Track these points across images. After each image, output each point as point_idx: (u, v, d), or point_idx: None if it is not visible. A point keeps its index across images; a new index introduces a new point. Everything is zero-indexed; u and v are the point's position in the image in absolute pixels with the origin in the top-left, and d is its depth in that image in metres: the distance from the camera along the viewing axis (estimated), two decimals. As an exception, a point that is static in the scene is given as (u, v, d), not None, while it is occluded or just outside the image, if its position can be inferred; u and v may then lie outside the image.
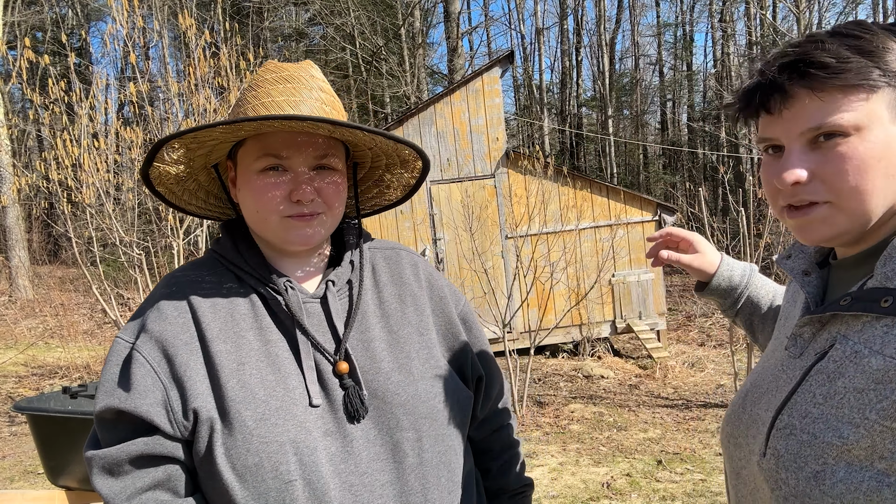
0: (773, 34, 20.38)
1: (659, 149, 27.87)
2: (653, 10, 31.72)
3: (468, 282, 8.84)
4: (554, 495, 4.33)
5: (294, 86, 0.96)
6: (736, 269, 1.25)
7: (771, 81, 0.78)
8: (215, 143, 0.97)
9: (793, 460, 0.76)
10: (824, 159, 0.76)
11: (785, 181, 0.78)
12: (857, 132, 0.74)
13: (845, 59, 0.74)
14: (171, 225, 5.69)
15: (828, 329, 0.81)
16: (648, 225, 9.69)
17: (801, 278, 0.90)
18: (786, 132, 0.79)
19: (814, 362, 0.80)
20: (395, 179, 1.15)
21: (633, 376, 8.02)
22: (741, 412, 0.92)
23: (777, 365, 0.90)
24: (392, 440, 0.93)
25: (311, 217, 0.96)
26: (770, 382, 0.89)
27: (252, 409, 0.87)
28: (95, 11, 24.06)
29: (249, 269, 0.98)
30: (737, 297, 1.25)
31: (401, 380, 0.97)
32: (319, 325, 0.97)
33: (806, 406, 0.77)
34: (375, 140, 0.99)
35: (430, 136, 9.47)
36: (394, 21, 20.92)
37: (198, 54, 5.81)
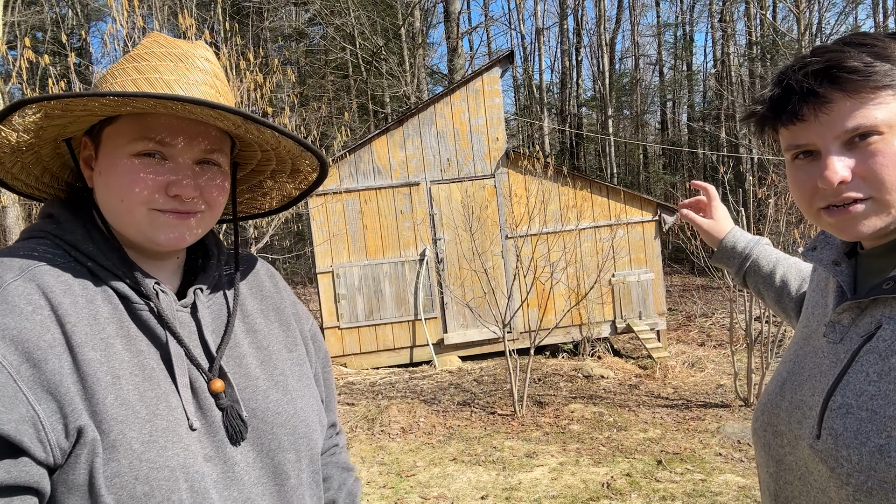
0: (773, 34, 20.38)
1: (659, 149, 27.87)
2: (653, 10, 31.72)
3: (468, 282, 8.84)
4: (554, 495, 4.33)
5: (187, 66, 0.85)
6: (742, 237, 1.41)
7: (805, 89, 0.82)
8: (85, 114, 0.82)
9: (853, 437, 0.78)
10: (862, 157, 0.81)
11: (830, 181, 0.81)
12: (890, 129, 0.80)
13: (870, 64, 0.80)
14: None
15: (869, 313, 0.86)
16: (648, 225, 9.69)
17: (832, 268, 0.95)
18: (821, 136, 0.83)
19: (861, 344, 0.84)
20: (277, 188, 1.04)
21: (633, 376, 8.02)
22: (779, 400, 0.96)
23: (815, 352, 0.93)
24: (273, 462, 0.87)
25: (187, 215, 0.85)
26: (811, 369, 0.92)
27: (137, 430, 0.75)
28: (95, 11, 24.06)
29: (110, 266, 0.83)
30: (741, 261, 1.39)
31: (279, 398, 0.89)
32: (191, 338, 0.86)
33: (860, 385, 0.81)
34: (280, 143, 0.89)
35: (430, 136, 9.47)
36: (394, 21, 20.92)
37: (198, 54, 5.80)
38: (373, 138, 9.47)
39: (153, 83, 0.83)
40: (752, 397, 6.31)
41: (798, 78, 0.83)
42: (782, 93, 0.85)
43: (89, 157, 0.88)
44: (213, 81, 0.88)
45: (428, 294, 9.50)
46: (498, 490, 4.48)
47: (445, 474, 4.85)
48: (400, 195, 9.47)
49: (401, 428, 6.11)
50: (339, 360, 9.36)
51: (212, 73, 0.88)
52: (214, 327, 0.90)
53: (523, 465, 4.96)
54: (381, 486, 4.67)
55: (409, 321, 9.50)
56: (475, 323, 9.13)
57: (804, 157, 0.86)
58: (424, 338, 9.44)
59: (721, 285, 8.34)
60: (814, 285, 1.07)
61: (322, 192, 9.22)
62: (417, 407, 6.76)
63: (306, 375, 0.98)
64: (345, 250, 9.39)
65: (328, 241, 9.28)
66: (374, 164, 9.44)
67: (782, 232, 6.99)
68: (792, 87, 0.83)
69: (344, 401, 7.24)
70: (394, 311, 9.48)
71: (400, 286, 9.48)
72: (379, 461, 5.21)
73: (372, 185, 9.42)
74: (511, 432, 5.80)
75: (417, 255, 9.49)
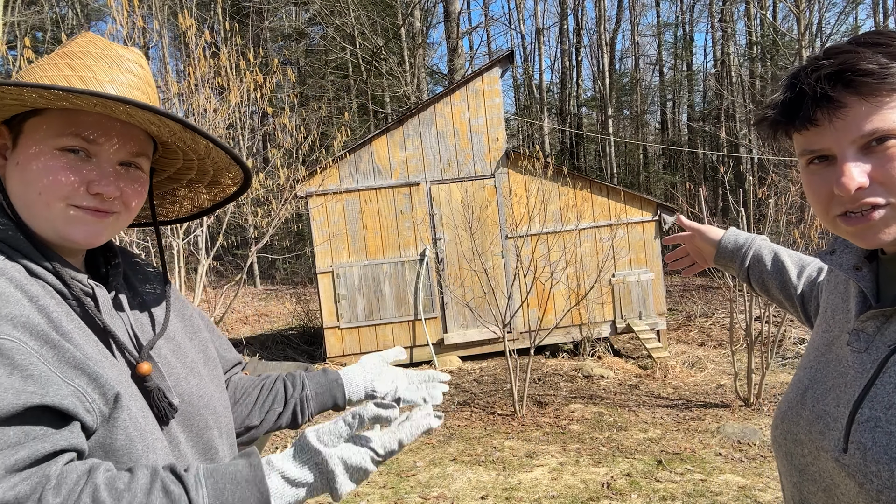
0: (773, 34, 20.37)
1: (659, 149, 27.87)
2: (653, 10, 31.71)
3: (468, 282, 8.84)
4: (554, 495, 4.33)
5: (120, 69, 0.87)
6: (741, 234, 1.42)
7: (818, 93, 0.79)
8: (15, 104, 0.82)
9: (883, 452, 0.76)
10: (880, 162, 0.78)
11: (847, 187, 0.78)
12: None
13: (886, 66, 0.77)
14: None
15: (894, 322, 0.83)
16: (648, 225, 9.69)
17: (853, 273, 0.92)
18: (836, 141, 0.80)
19: (889, 354, 0.81)
20: (190, 197, 1.06)
21: (633, 376, 8.02)
22: (801, 409, 0.93)
23: (838, 361, 0.91)
24: (203, 440, 0.94)
25: (105, 214, 0.86)
26: (835, 378, 0.90)
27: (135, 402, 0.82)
28: (95, 11, 24.06)
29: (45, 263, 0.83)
30: (743, 256, 1.38)
31: (197, 383, 0.96)
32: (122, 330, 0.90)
33: (889, 397, 0.78)
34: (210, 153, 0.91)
35: (430, 136, 9.47)
36: (394, 21, 20.92)
37: (198, 54, 5.80)
38: (373, 138, 9.47)
39: (86, 81, 0.83)
40: (752, 397, 6.31)
41: (811, 81, 0.80)
42: (795, 96, 0.83)
43: (3, 147, 0.87)
44: (145, 87, 0.89)
45: (428, 294, 9.50)
46: (498, 490, 4.48)
47: (445, 474, 4.85)
48: (400, 195, 9.47)
49: (401, 428, 6.11)
50: (339, 360, 9.36)
51: (144, 78, 0.89)
52: (134, 319, 0.93)
53: (523, 465, 4.96)
54: (381, 487, 4.67)
55: (409, 321, 9.50)
56: (475, 323, 9.13)
57: (819, 162, 0.83)
58: (424, 338, 9.44)
59: (721, 285, 8.34)
60: (832, 287, 1.04)
61: (322, 192, 9.23)
62: (417, 407, 6.76)
63: (211, 359, 1.03)
64: (345, 250, 9.39)
65: (328, 241, 9.28)
66: (374, 164, 9.44)
67: (782, 232, 6.99)
68: (805, 91, 0.81)
69: (344, 401, 7.24)
70: (394, 311, 9.48)
71: (400, 286, 9.48)
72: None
73: (372, 185, 9.42)
74: (511, 432, 5.80)
75: (417, 255, 9.49)
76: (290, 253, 17.13)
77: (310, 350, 10.71)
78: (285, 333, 11.87)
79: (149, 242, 6.55)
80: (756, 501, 4.11)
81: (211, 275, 16.60)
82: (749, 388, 6.33)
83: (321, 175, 8.88)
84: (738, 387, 6.55)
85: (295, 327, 12.49)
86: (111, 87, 0.84)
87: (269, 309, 15.64)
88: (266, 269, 20.73)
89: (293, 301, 14.46)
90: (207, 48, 5.96)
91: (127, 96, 0.85)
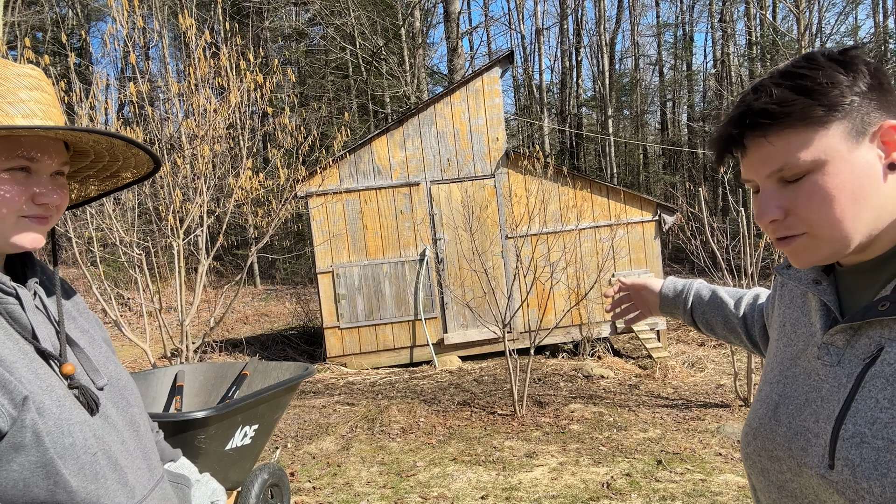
0: (773, 34, 20.37)
1: (659, 149, 27.87)
2: (653, 10, 31.72)
3: (468, 282, 8.85)
4: (554, 495, 4.34)
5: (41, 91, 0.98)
6: (679, 281, 1.49)
7: (728, 135, 0.85)
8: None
9: (873, 468, 0.75)
10: (794, 195, 0.81)
11: (759, 222, 0.84)
12: (817, 167, 0.79)
13: (788, 103, 0.78)
14: (171, 225, 5.69)
15: (865, 334, 0.83)
16: (648, 225, 9.69)
17: (813, 287, 0.93)
18: (756, 175, 0.84)
19: (864, 367, 0.81)
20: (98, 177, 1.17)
21: (633, 376, 8.02)
22: (775, 425, 0.92)
23: (808, 374, 0.90)
24: (128, 415, 1.07)
25: (46, 220, 0.99)
26: (808, 392, 0.89)
27: (48, 398, 0.90)
28: (95, 11, 24.06)
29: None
30: (685, 299, 1.44)
31: (114, 368, 1.10)
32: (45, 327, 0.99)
33: (871, 412, 0.78)
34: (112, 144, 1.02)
35: (430, 136, 9.47)
36: (394, 21, 20.92)
37: (198, 54, 5.81)
38: (373, 138, 9.47)
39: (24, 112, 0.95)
40: (751, 397, 6.31)
41: (725, 123, 0.85)
42: (717, 135, 0.88)
43: None
44: (56, 102, 1.01)
45: (428, 294, 9.50)
46: (498, 490, 4.48)
47: (445, 474, 4.85)
48: (400, 195, 9.47)
49: (401, 428, 6.11)
50: (339, 360, 9.36)
51: (53, 94, 1.01)
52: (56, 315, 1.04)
53: (523, 465, 4.96)
54: (382, 486, 4.67)
55: (409, 321, 9.50)
56: (475, 323, 9.13)
57: (756, 192, 0.88)
58: (424, 338, 9.44)
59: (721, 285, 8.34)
60: (787, 302, 1.04)
61: (322, 192, 9.23)
62: (417, 407, 6.76)
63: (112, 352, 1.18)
64: (345, 250, 9.39)
65: (328, 241, 9.28)
66: (374, 164, 9.44)
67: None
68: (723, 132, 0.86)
69: (344, 401, 7.25)
70: (394, 311, 9.48)
71: (400, 286, 9.48)
72: (379, 461, 5.21)
73: (372, 185, 9.42)
74: (511, 432, 5.80)
75: (417, 255, 9.49)
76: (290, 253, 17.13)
77: (310, 350, 10.72)
78: (285, 333, 11.88)
79: (149, 243, 6.55)
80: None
81: (211, 275, 16.60)
82: (749, 388, 6.33)
83: (321, 175, 8.88)
84: (737, 387, 6.55)
85: (295, 327, 12.49)
86: (40, 111, 0.96)
87: (270, 309, 15.64)
88: (266, 269, 20.74)
89: (293, 301, 14.47)
90: (207, 48, 5.96)
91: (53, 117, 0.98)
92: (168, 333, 6.02)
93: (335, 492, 4.61)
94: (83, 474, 0.91)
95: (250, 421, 3.30)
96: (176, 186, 5.76)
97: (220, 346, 10.93)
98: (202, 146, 5.76)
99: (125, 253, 5.87)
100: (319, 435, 5.99)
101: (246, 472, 3.54)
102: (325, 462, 5.25)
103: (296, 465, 5.19)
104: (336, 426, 6.22)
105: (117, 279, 12.89)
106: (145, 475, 1.04)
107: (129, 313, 13.07)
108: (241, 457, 3.37)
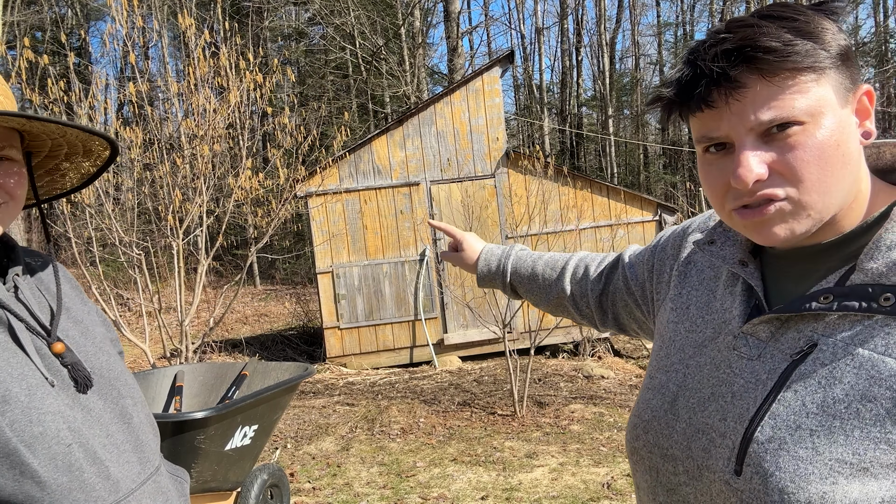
0: (774, 34, 20.37)
1: (659, 149, 27.87)
2: (653, 9, 31.74)
3: (468, 282, 8.84)
4: (554, 496, 4.33)
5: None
6: (493, 253, 1.39)
7: (716, 72, 0.70)
8: None
9: (790, 479, 0.67)
10: (780, 151, 0.70)
11: (743, 179, 0.70)
12: (812, 119, 0.69)
13: (791, 42, 0.69)
14: (170, 225, 5.69)
15: (794, 327, 0.74)
16: (649, 225, 9.68)
17: (739, 268, 0.83)
18: (733, 127, 0.72)
19: (790, 365, 0.72)
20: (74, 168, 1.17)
21: (634, 376, 8.01)
22: (672, 420, 0.82)
23: (717, 366, 0.80)
24: (119, 407, 1.04)
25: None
26: (715, 387, 0.79)
27: (18, 386, 0.89)
28: (95, 11, 24.05)
29: None
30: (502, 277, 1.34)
31: (106, 359, 1.08)
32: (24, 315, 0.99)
33: (795, 417, 0.69)
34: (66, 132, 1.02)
35: (430, 136, 9.46)
36: (394, 21, 20.91)
37: (197, 54, 5.80)
38: (373, 138, 9.46)
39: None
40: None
41: (707, 58, 0.71)
42: (691, 74, 0.73)
43: None
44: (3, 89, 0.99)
45: (428, 294, 9.50)
46: (498, 490, 4.48)
47: (445, 474, 4.84)
48: (400, 195, 9.46)
49: (401, 428, 6.10)
50: (338, 360, 9.36)
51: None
52: (39, 306, 1.02)
53: (523, 465, 4.95)
54: (382, 487, 4.66)
55: (409, 321, 9.50)
56: (475, 323, 9.12)
57: (717, 151, 0.75)
58: (424, 338, 9.43)
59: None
60: (694, 281, 0.93)
61: (322, 192, 9.22)
62: (417, 407, 6.76)
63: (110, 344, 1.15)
64: (345, 250, 9.38)
65: (328, 241, 9.27)
66: (373, 164, 9.43)
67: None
68: (701, 69, 0.71)
69: (344, 401, 7.24)
70: (394, 311, 9.48)
71: (400, 286, 9.48)
72: (379, 461, 5.21)
73: (372, 185, 9.42)
74: (511, 432, 5.80)
75: (417, 255, 9.48)
76: (289, 253, 17.13)
77: (310, 350, 10.71)
78: (285, 333, 11.87)
79: (148, 243, 6.55)
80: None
81: (211, 275, 16.60)
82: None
83: (321, 175, 8.87)
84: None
85: (295, 327, 12.49)
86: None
87: (269, 309, 15.63)
88: (266, 269, 20.73)
89: (293, 301, 14.46)
90: (207, 48, 5.95)
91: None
92: (167, 334, 6.01)
93: (335, 492, 4.60)
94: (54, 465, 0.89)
95: (250, 421, 3.30)
96: (175, 186, 5.75)
97: (220, 346, 10.93)
98: (202, 146, 5.75)
99: (125, 253, 5.87)
100: (319, 435, 5.98)
101: (245, 473, 3.54)
102: (325, 462, 5.25)
103: (295, 466, 5.19)
104: (336, 426, 6.22)
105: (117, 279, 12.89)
106: (135, 468, 1.02)
107: (129, 313, 13.07)
108: (240, 457, 3.36)
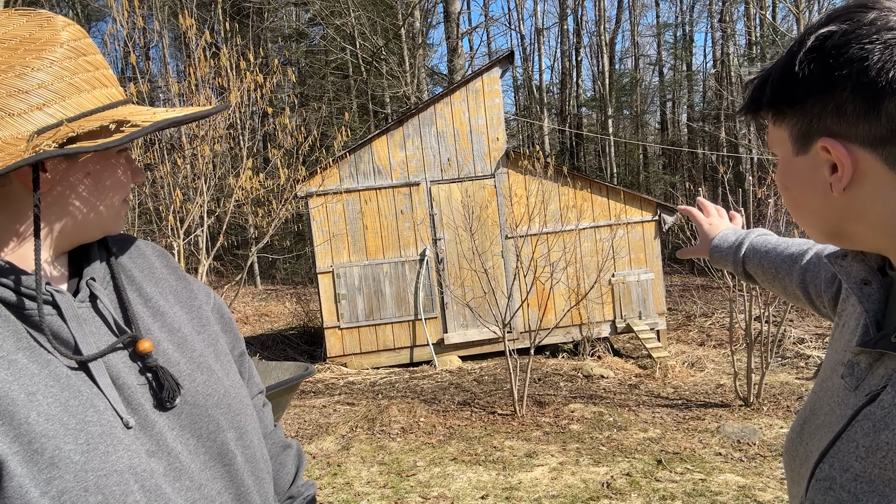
0: (773, 34, 20.37)
1: (659, 149, 27.87)
2: (653, 10, 31.73)
3: (468, 282, 8.85)
4: (554, 495, 4.34)
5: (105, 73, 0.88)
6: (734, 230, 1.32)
7: None
8: None
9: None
10: None
11: None
12: None
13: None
14: (171, 225, 5.70)
15: (884, 363, 0.68)
16: (648, 225, 9.69)
17: (858, 289, 0.74)
18: None
19: (864, 404, 0.67)
20: None
21: (633, 376, 8.02)
22: (798, 443, 0.80)
23: (833, 393, 0.76)
24: (216, 444, 0.83)
25: None
26: (827, 415, 0.75)
27: (73, 442, 0.69)
28: (96, 12, 24.04)
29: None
30: (735, 249, 1.25)
31: (206, 379, 0.85)
32: (99, 332, 0.79)
33: (848, 458, 0.66)
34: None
35: (430, 137, 9.47)
36: (394, 21, 20.92)
37: (198, 54, 5.81)
38: (373, 138, 9.47)
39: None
40: (751, 397, 6.31)
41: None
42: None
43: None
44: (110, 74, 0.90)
45: (428, 294, 9.51)
46: (498, 490, 4.49)
47: (445, 474, 4.85)
48: (400, 195, 9.47)
49: (401, 428, 6.11)
50: (339, 360, 9.37)
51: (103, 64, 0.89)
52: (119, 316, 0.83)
53: (523, 464, 4.96)
54: (382, 486, 4.67)
55: (409, 321, 9.50)
56: (475, 323, 9.13)
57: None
58: (424, 338, 9.44)
59: (721, 285, 8.34)
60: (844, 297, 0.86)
61: (322, 192, 9.23)
62: (417, 407, 6.77)
63: (223, 353, 0.93)
64: (345, 250, 9.39)
65: (328, 241, 9.28)
66: (374, 164, 9.44)
67: (782, 232, 7.00)
68: None
69: (344, 401, 7.25)
70: (394, 311, 9.49)
71: (400, 286, 9.49)
72: (379, 461, 5.22)
73: (372, 185, 9.43)
74: (511, 432, 5.80)
75: (417, 255, 9.49)
76: (290, 253, 17.13)
77: (310, 350, 10.72)
78: (286, 333, 11.88)
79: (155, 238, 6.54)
80: (756, 501, 4.11)
81: (211, 275, 16.60)
82: (749, 388, 6.33)
83: (321, 175, 8.88)
84: (737, 386, 6.55)
85: (295, 327, 12.50)
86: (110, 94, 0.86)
87: (270, 309, 15.64)
88: (266, 269, 20.74)
89: (293, 301, 14.47)
90: (208, 48, 5.96)
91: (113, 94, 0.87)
92: (168, 333, 6.00)
93: (335, 492, 4.61)
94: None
95: (250, 420, 3.31)
96: (176, 186, 5.76)
97: (221, 346, 10.92)
98: (202, 146, 5.76)
99: (125, 253, 5.86)
100: (319, 435, 5.99)
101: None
102: (326, 462, 5.26)
103: (296, 465, 5.19)
104: (336, 426, 6.22)
105: (117, 279, 12.86)
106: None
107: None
108: (241, 456, 3.37)
